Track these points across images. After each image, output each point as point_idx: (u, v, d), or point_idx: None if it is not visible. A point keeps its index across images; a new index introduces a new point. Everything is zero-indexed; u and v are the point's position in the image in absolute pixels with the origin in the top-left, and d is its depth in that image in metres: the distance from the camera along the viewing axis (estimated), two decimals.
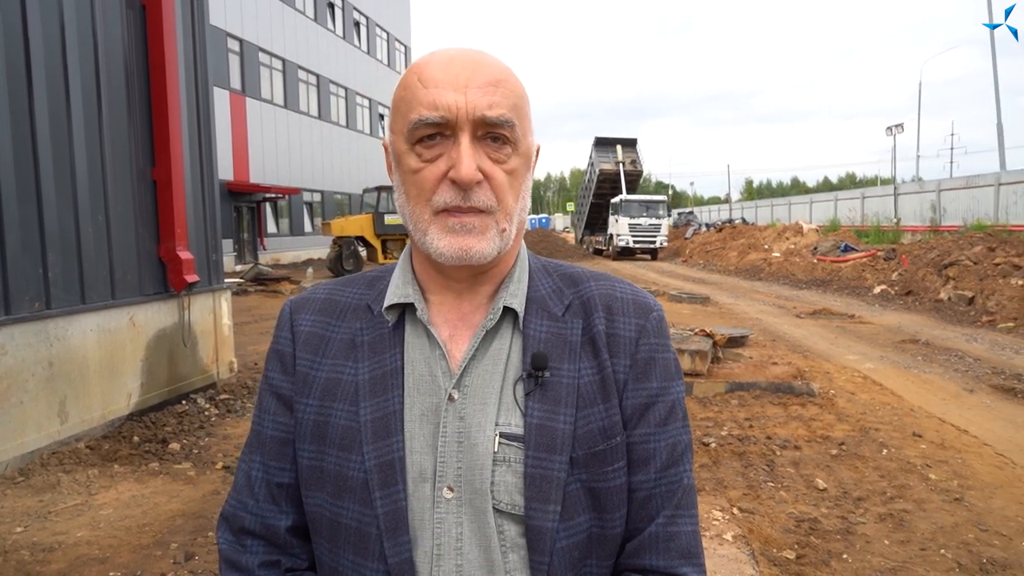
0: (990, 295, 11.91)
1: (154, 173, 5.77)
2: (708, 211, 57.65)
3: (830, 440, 5.14)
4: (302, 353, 0.97)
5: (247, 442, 1.02)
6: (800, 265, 19.91)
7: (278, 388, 0.98)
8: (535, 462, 0.87)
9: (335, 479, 0.90)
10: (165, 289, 5.88)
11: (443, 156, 0.85)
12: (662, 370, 0.94)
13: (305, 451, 0.93)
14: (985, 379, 7.15)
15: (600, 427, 0.89)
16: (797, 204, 36.35)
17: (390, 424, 0.89)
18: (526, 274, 0.97)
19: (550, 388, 0.89)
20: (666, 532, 0.91)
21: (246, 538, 0.97)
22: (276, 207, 28.06)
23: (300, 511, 0.97)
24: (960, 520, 3.83)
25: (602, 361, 0.91)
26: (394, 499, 0.87)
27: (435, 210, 0.86)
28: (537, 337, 0.91)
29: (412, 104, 0.86)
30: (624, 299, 0.97)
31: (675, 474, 0.93)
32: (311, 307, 1.01)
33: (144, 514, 3.94)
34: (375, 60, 37.48)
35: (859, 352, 8.71)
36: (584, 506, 0.88)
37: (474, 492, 0.87)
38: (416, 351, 0.92)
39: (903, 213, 25.14)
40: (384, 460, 0.88)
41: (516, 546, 0.87)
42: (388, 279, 0.99)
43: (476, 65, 0.86)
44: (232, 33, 23.86)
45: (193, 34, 6.43)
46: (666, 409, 0.93)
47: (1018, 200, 18.94)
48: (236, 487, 1.00)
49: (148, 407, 5.61)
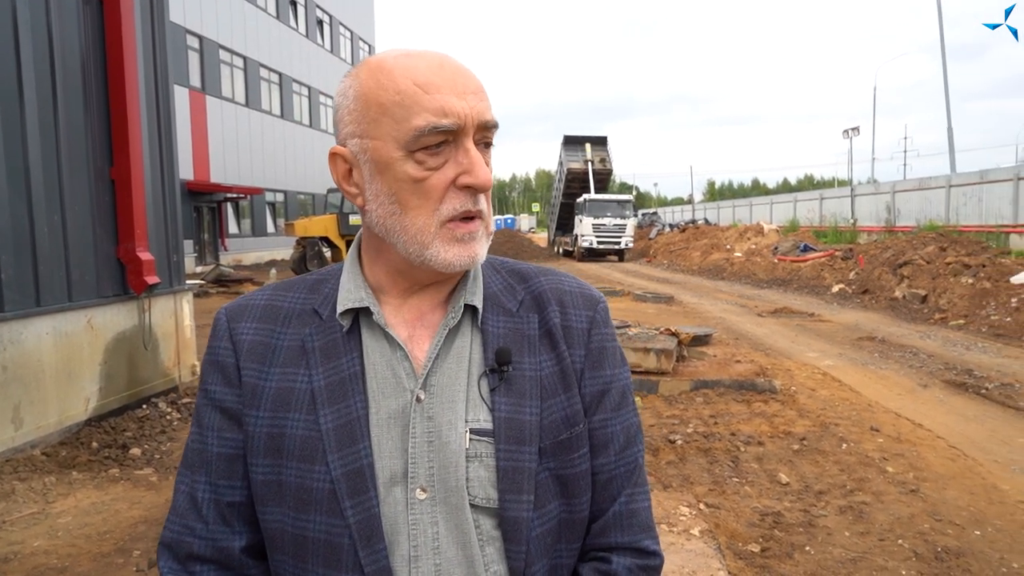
0: (942, 293, 12.31)
1: (112, 172, 5.63)
2: (671, 212, 58.44)
3: (792, 436, 5.26)
4: (247, 363, 0.92)
5: (185, 462, 0.95)
6: (761, 265, 20.31)
7: (222, 402, 0.93)
8: (506, 455, 0.88)
9: (296, 492, 0.87)
10: (124, 291, 5.74)
11: (450, 162, 0.85)
12: (612, 358, 0.98)
13: (259, 466, 0.89)
14: (938, 375, 7.39)
15: (563, 416, 0.92)
16: (758, 205, 37.05)
17: (355, 430, 0.87)
18: (480, 272, 0.97)
19: (514, 382, 0.91)
20: (628, 510, 0.96)
21: (194, 564, 0.92)
22: (238, 207, 27.58)
23: (254, 529, 0.94)
24: (916, 511, 3.95)
25: (560, 352, 0.94)
26: (366, 507, 0.86)
27: (442, 220, 0.85)
28: (497, 333, 0.93)
29: (414, 110, 0.82)
30: (573, 292, 0.99)
31: (631, 455, 0.97)
32: (251, 314, 0.96)
33: (104, 521, 3.85)
34: (338, 59, 37.10)
35: (818, 350, 8.92)
36: (554, 493, 0.91)
37: (449, 490, 0.87)
38: (376, 354, 0.91)
39: (859, 214, 25.81)
40: (352, 468, 0.86)
41: (492, 539, 0.88)
42: (332, 282, 0.96)
43: (462, 70, 0.87)
44: (191, 30, 23.38)
45: (153, 29, 6.29)
46: (619, 394, 0.97)
47: (967, 202, 19.61)
48: (177, 511, 0.94)
49: (107, 412, 5.46)
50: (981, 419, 5.79)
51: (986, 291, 11.34)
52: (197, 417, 0.96)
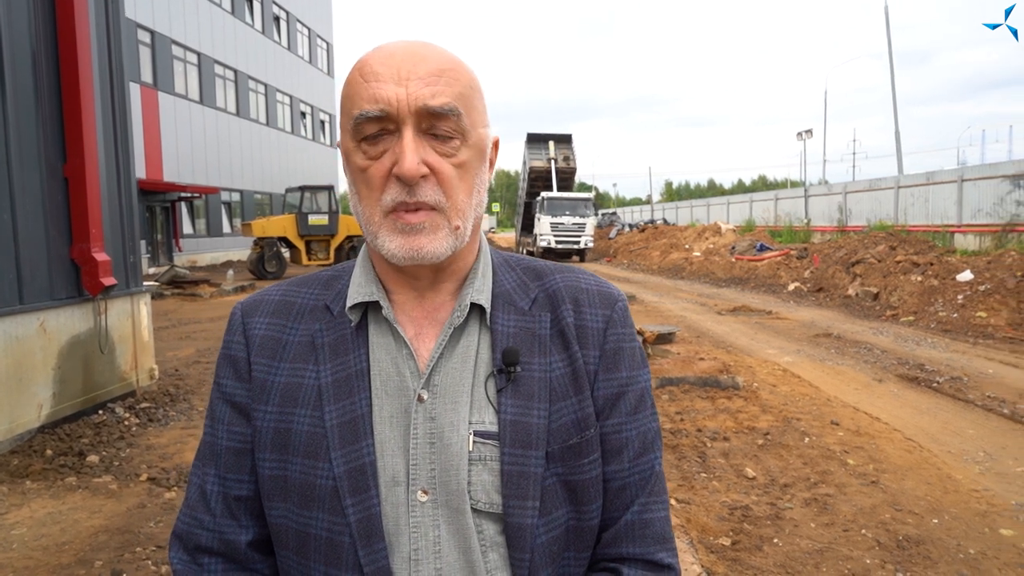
0: (893, 291, 12.73)
1: (66, 170, 5.43)
2: (630, 212, 59.06)
3: (756, 431, 5.37)
4: (258, 358, 0.92)
5: (198, 454, 0.96)
6: (719, 264, 20.69)
7: (232, 396, 0.93)
8: (511, 459, 0.86)
9: (301, 488, 0.86)
10: (79, 293, 5.55)
11: (388, 152, 0.83)
12: (629, 359, 0.94)
13: (266, 460, 0.89)
14: (892, 369, 7.64)
15: (573, 420, 0.89)
16: (715, 205, 37.72)
17: (358, 428, 0.86)
18: (490, 269, 0.95)
19: (522, 383, 0.88)
20: (641, 520, 0.92)
21: (202, 556, 0.93)
22: (192, 207, 26.92)
23: (261, 524, 0.93)
24: (877, 502, 4.08)
25: (572, 353, 0.91)
26: (367, 505, 0.84)
27: (384, 210, 0.84)
28: (505, 332, 0.90)
29: (354, 100, 0.84)
30: (590, 290, 0.96)
31: (647, 462, 0.94)
32: (264, 309, 0.96)
33: (63, 532, 3.71)
34: (296, 56, 36.51)
35: (777, 346, 9.13)
36: (561, 500, 0.88)
37: (450, 493, 0.85)
38: (382, 351, 0.90)
39: (813, 214, 26.50)
40: (354, 466, 0.85)
41: (495, 544, 0.86)
42: (345, 279, 0.96)
43: (418, 57, 0.84)
44: (142, 24, 22.72)
45: (107, 23, 6.09)
46: (636, 398, 0.94)
47: (915, 202, 20.31)
48: (188, 503, 0.95)
49: (62, 418, 5.27)
50: (934, 412, 6.00)
51: (934, 288, 11.75)
52: (210, 410, 0.96)
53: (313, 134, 39.40)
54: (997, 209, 16.94)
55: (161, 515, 3.91)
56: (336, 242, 22.10)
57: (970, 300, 10.75)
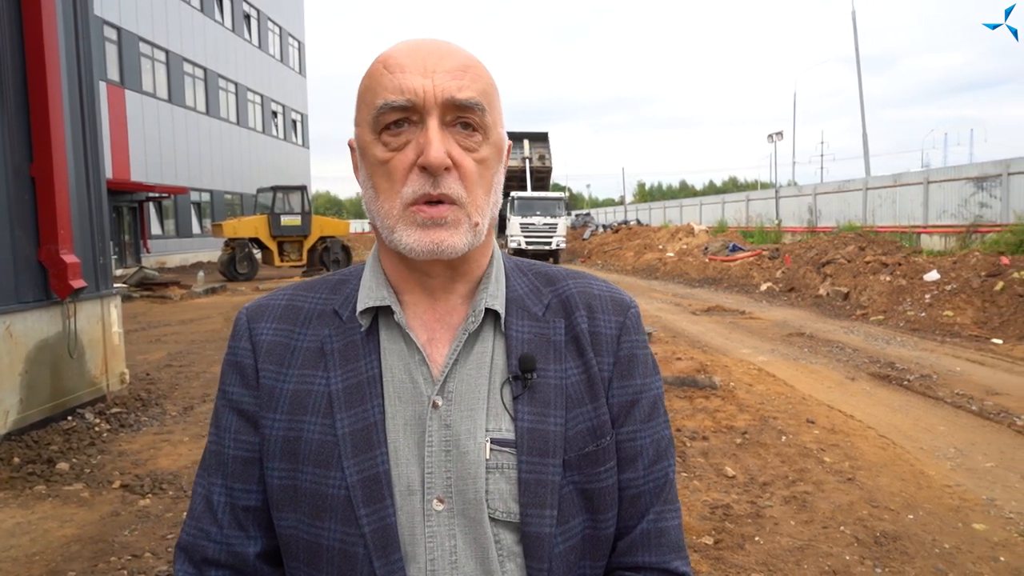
0: (863, 290, 12.97)
1: (33, 169, 5.28)
2: (604, 213, 59.39)
3: (734, 430, 5.43)
4: (265, 364, 0.90)
5: (203, 464, 0.94)
6: (693, 264, 20.90)
7: (239, 404, 0.91)
8: (529, 467, 0.84)
9: (312, 498, 0.84)
10: (47, 296, 5.40)
11: (411, 143, 0.82)
12: (643, 366, 0.94)
13: (275, 470, 0.87)
14: (864, 368, 7.78)
15: (589, 427, 0.88)
16: (688, 206, 38.10)
17: (372, 436, 0.84)
18: (503, 274, 0.94)
19: (538, 390, 0.87)
20: (656, 528, 0.91)
21: (209, 569, 0.90)
22: (161, 207, 26.44)
23: (270, 535, 0.91)
24: (854, 498, 4.14)
25: (587, 360, 0.90)
26: (382, 515, 0.83)
27: (405, 203, 0.83)
28: (520, 338, 0.89)
29: (377, 91, 0.83)
30: (602, 296, 0.95)
31: (661, 470, 0.93)
32: (271, 314, 0.93)
33: (33, 542, 3.61)
34: (267, 55, 36.06)
35: (752, 346, 9.24)
36: (578, 508, 0.87)
37: (467, 502, 0.84)
38: (394, 357, 0.88)
39: (783, 215, 26.90)
40: (368, 475, 0.83)
41: (513, 554, 0.85)
42: (354, 282, 0.94)
43: (443, 51, 0.84)
44: (109, 21, 22.25)
45: (75, 18, 5.94)
46: (649, 405, 0.93)
47: (883, 204, 20.73)
48: (194, 514, 0.92)
49: (29, 425, 5.13)
50: (905, 409, 6.12)
51: (902, 288, 12.00)
52: (215, 418, 0.93)
53: (285, 134, 38.95)
54: (961, 210, 17.37)
55: (136, 523, 3.82)
56: (309, 243, 21.86)
57: (937, 300, 10.99)
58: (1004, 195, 16.07)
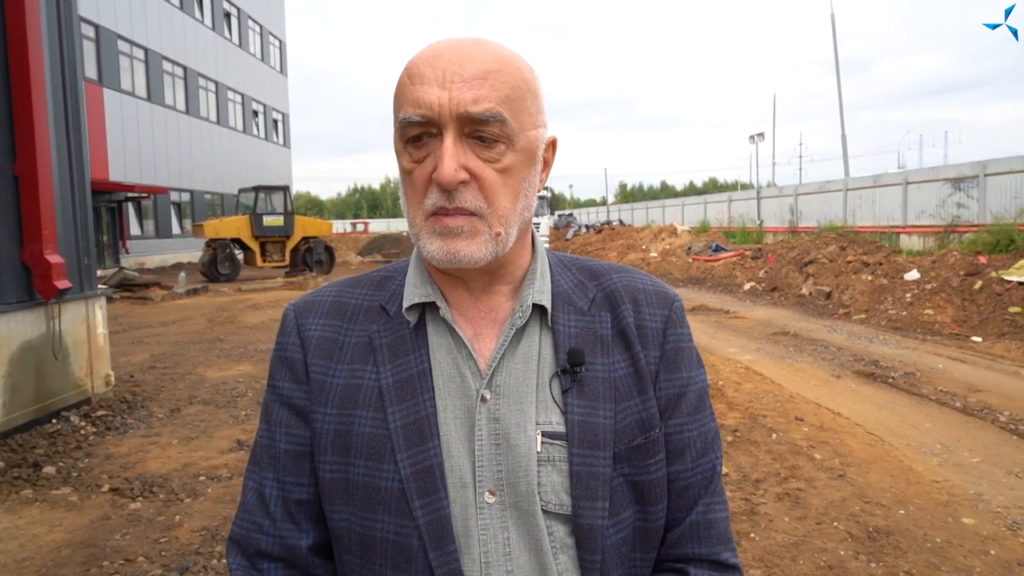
0: (844, 290, 13.13)
1: (16, 168, 5.19)
2: (586, 213, 59.58)
3: (725, 428, 5.47)
4: (315, 359, 0.91)
5: (253, 458, 0.94)
6: (676, 264, 21.03)
7: (290, 398, 0.92)
8: (580, 459, 0.85)
9: (364, 491, 0.85)
10: (31, 297, 5.31)
11: (430, 156, 0.83)
12: (688, 359, 0.95)
13: (327, 463, 0.88)
14: (848, 366, 7.87)
15: (638, 420, 0.89)
16: (670, 207, 38.33)
17: (424, 429, 0.85)
18: (548, 269, 0.95)
19: (587, 384, 0.88)
20: (705, 520, 0.92)
21: (262, 561, 0.91)
22: (140, 207, 26.09)
23: (321, 528, 0.92)
24: (846, 495, 4.19)
25: (635, 353, 0.91)
26: (436, 507, 0.83)
27: (426, 213, 0.84)
28: (568, 332, 0.90)
29: (401, 103, 0.83)
30: (647, 290, 0.96)
31: (708, 462, 0.94)
32: (319, 310, 0.95)
33: (21, 548, 3.54)
34: (248, 54, 35.73)
35: (738, 345, 9.32)
36: (629, 500, 0.88)
37: (519, 495, 0.85)
38: (442, 352, 0.89)
39: (765, 215, 27.17)
40: (422, 467, 0.84)
41: (565, 546, 0.86)
42: (399, 279, 0.95)
43: (465, 57, 0.81)
44: (86, 18, 21.90)
45: (59, 15, 5.85)
46: (696, 398, 0.94)
47: (863, 204, 21.01)
48: (246, 507, 0.93)
49: (13, 428, 5.03)
50: (891, 406, 6.20)
51: (883, 287, 12.17)
52: (265, 413, 0.94)
53: (266, 133, 38.61)
54: (940, 211, 17.65)
55: (127, 527, 3.77)
56: (292, 244, 21.69)
57: (918, 298, 11.16)
58: (981, 196, 16.37)
